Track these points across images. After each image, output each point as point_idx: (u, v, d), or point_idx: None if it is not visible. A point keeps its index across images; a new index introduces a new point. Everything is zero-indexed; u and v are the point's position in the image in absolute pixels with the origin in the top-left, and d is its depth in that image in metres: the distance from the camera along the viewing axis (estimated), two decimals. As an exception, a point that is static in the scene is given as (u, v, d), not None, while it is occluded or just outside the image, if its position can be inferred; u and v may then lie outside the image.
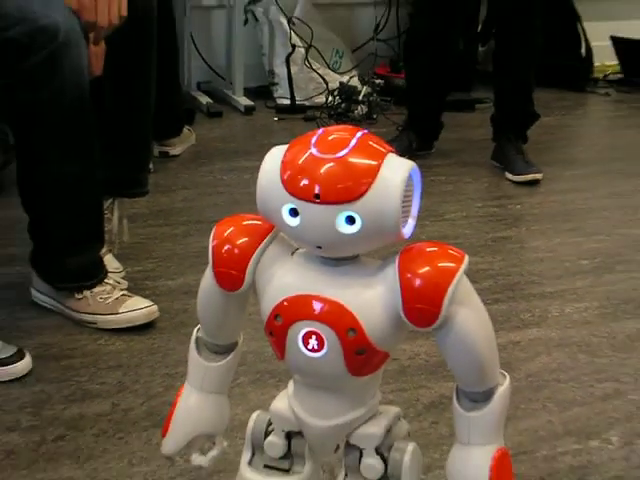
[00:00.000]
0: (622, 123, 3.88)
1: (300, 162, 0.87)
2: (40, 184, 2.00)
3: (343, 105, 3.96)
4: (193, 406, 1.07)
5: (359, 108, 3.95)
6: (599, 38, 4.72)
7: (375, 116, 3.95)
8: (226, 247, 0.95)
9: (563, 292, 2.35)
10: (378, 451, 0.98)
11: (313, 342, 0.91)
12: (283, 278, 0.94)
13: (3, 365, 1.83)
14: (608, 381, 1.92)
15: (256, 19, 4.21)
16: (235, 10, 4.07)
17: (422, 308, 0.87)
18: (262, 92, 4.21)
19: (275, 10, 4.15)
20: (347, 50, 4.32)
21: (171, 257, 2.47)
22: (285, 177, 0.87)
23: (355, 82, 4.09)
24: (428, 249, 0.90)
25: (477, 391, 0.94)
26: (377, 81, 4.27)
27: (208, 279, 0.99)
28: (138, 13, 2.13)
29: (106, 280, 2.08)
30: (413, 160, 0.89)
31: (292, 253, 0.96)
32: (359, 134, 0.88)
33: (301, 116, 3.99)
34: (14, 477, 1.55)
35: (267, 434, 1.03)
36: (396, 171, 0.86)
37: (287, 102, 4.09)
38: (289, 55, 4.09)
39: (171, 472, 1.51)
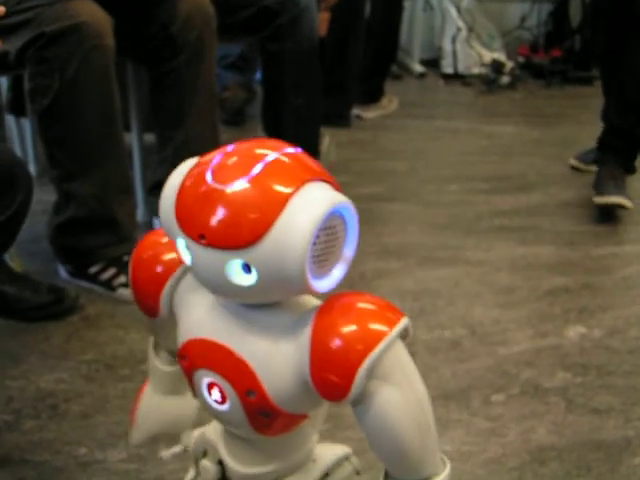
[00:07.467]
0: None
1: (192, 191, 0.53)
2: (279, 111, 2.06)
3: (492, 75, 3.87)
4: (153, 406, 0.77)
5: (504, 78, 3.86)
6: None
7: (516, 85, 3.85)
8: (143, 268, 0.65)
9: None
10: None
11: (216, 394, 0.60)
12: (193, 314, 0.62)
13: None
14: (685, 287, 1.84)
15: (432, 7, 4.15)
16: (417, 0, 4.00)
17: (330, 380, 0.54)
18: (432, 62, 4.15)
19: (447, 1, 4.08)
20: (498, 34, 4.20)
21: (363, 173, 2.47)
22: (177, 206, 0.55)
23: (503, 58, 3.99)
24: (358, 304, 0.55)
25: None
26: (519, 59, 4.17)
27: None
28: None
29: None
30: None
31: None
32: (272, 155, 0.53)
33: (460, 82, 3.92)
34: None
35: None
36: (307, 208, 0.50)
37: (451, 71, 4.02)
38: (455, 36, 4.01)
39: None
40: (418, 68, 4.01)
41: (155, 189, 1.87)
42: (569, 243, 2.04)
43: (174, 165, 2.09)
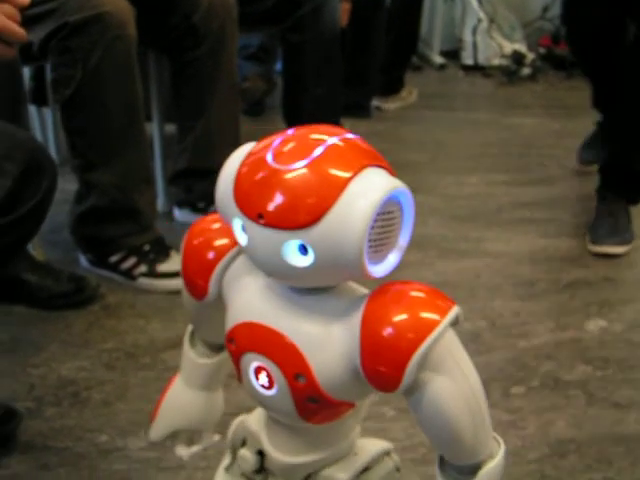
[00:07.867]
0: None
1: (251, 171, 0.53)
2: (300, 101, 2.06)
3: (513, 67, 3.84)
4: (179, 400, 0.75)
5: (524, 70, 3.83)
6: None
7: (537, 76, 3.82)
8: (195, 253, 0.64)
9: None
10: None
11: (263, 379, 0.59)
12: (243, 298, 0.61)
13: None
14: None
15: (452, -1, 4.14)
16: (438, -9, 3.99)
17: (381, 371, 0.53)
18: (452, 53, 4.12)
19: (468, -8, 4.06)
20: (519, 25, 4.16)
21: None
22: (235, 186, 0.54)
23: (524, 49, 3.96)
24: (409, 292, 0.55)
25: (459, 465, 0.59)
26: (541, 50, 4.13)
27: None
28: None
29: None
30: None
31: None
32: (333, 139, 0.53)
33: (480, 73, 3.90)
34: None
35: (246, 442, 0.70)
36: (366, 192, 0.50)
37: (471, 62, 3.99)
38: (475, 27, 3.99)
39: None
40: (438, 59, 3.99)
41: (176, 179, 1.88)
42: (590, 236, 2.03)
43: (194, 155, 2.09)
